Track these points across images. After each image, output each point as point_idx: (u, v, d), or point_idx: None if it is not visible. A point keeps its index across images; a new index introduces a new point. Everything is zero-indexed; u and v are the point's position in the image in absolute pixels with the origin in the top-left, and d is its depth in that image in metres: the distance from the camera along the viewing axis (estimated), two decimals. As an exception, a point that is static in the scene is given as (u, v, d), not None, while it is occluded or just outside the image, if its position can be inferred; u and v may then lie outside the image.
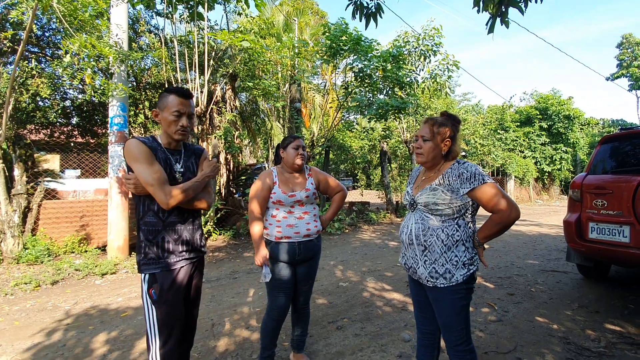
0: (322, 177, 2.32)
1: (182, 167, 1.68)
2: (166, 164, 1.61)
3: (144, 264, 1.56)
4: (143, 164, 1.51)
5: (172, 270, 1.58)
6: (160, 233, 1.58)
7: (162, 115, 1.61)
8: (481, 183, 1.60)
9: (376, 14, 3.48)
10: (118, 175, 5.61)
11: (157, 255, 1.56)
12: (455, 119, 1.83)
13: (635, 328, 2.84)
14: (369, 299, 3.65)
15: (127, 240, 5.64)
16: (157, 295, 1.54)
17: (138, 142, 1.55)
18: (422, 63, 10.01)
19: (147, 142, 1.60)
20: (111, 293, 3.93)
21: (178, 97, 1.60)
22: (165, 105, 1.60)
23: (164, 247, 1.57)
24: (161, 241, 1.57)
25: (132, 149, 1.53)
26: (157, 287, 1.54)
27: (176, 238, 1.61)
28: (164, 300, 1.54)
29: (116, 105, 5.54)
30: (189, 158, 1.73)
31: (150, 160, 1.53)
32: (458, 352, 1.70)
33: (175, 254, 1.60)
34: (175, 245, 1.60)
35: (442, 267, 1.65)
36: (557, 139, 19.27)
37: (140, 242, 1.59)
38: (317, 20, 15.63)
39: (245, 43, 6.64)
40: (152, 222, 1.58)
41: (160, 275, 1.55)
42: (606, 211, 3.38)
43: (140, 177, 1.50)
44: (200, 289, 1.80)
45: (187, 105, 1.61)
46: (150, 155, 1.54)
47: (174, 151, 1.68)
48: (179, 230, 1.62)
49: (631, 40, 26.29)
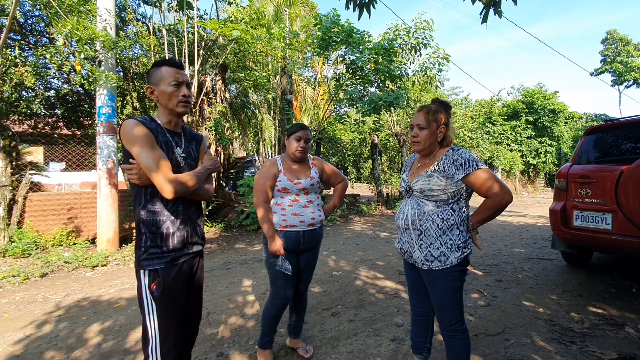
0: (326, 167, 2.34)
1: (184, 152, 1.56)
2: (167, 147, 1.48)
3: (145, 259, 1.43)
4: (144, 148, 1.37)
5: (176, 265, 1.48)
6: (165, 224, 1.45)
7: (158, 89, 1.48)
8: (475, 169, 1.65)
9: (369, 5, 3.47)
10: (107, 166, 5.51)
11: (160, 249, 1.44)
12: (447, 105, 1.88)
13: (616, 310, 2.98)
14: (362, 287, 3.71)
15: (117, 233, 5.57)
16: (160, 291, 1.43)
17: (136, 122, 1.41)
18: (413, 56, 10.07)
19: (145, 122, 1.46)
20: (103, 285, 3.89)
21: (172, 67, 1.50)
22: (160, 77, 1.48)
23: (168, 240, 1.46)
24: (165, 233, 1.45)
25: (130, 131, 1.38)
26: (160, 283, 1.43)
27: (181, 229, 1.50)
28: (167, 297, 1.44)
29: (104, 95, 5.41)
30: (190, 143, 1.62)
31: (151, 144, 1.39)
32: (452, 332, 1.76)
33: (179, 247, 1.49)
34: (179, 238, 1.49)
35: (437, 250, 1.71)
36: (542, 132, 19.70)
37: (141, 234, 1.45)
38: (307, 11, 15.48)
39: (235, 32, 6.56)
40: (155, 211, 1.44)
41: (163, 271, 1.44)
42: (590, 199, 3.50)
43: (141, 163, 1.36)
44: (202, 279, 1.72)
45: (183, 75, 1.51)
46: (150, 137, 1.40)
47: (174, 133, 1.56)
48: (184, 222, 1.52)
49: (615, 36, 26.89)
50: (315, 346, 2.46)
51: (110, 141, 5.55)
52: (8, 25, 4.26)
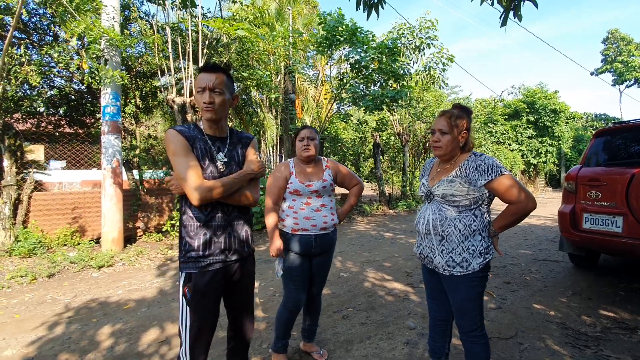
0: (341, 168, 2.33)
1: (226, 156, 1.56)
2: (205, 153, 1.51)
3: (183, 262, 1.51)
4: (179, 157, 1.43)
5: (208, 272, 1.50)
6: (202, 229, 1.49)
7: (195, 97, 1.54)
8: (498, 175, 1.64)
9: (378, 5, 3.46)
10: (112, 166, 5.48)
11: (196, 254, 1.48)
12: (469, 110, 1.86)
13: (627, 314, 2.98)
14: (371, 289, 3.71)
15: (121, 232, 5.56)
16: (190, 295, 1.48)
17: (175, 132, 1.48)
18: (417, 56, 10.04)
19: (184, 131, 1.50)
20: (110, 286, 3.88)
21: (201, 72, 1.51)
22: (196, 84, 1.52)
23: (204, 246, 1.49)
24: (202, 239, 1.49)
25: (169, 141, 1.47)
26: (192, 287, 1.48)
27: (218, 235, 1.52)
28: (196, 302, 1.48)
29: (108, 94, 5.38)
30: (235, 147, 1.62)
31: (185, 152, 1.44)
32: (472, 338, 1.76)
33: (214, 254, 1.51)
34: (216, 244, 1.51)
35: (459, 256, 1.70)
36: (543, 132, 19.73)
37: (181, 238, 1.52)
38: (309, 9, 15.43)
39: (240, 32, 6.52)
40: (193, 217, 1.49)
41: (196, 276, 1.48)
42: (600, 202, 3.50)
43: (175, 171, 1.44)
44: (247, 288, 1.69)
45: (210, 79, 1.48)
46: (186, 146, 1.46)
47: (216, 138, 1.57)
48: (223, 228, 1.53)
49: (617, 35, 26.87)
50: (329, 350, 2.45)
51: (114, 140, 5.52)
52: (14, 24, 4.23)
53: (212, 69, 1.51)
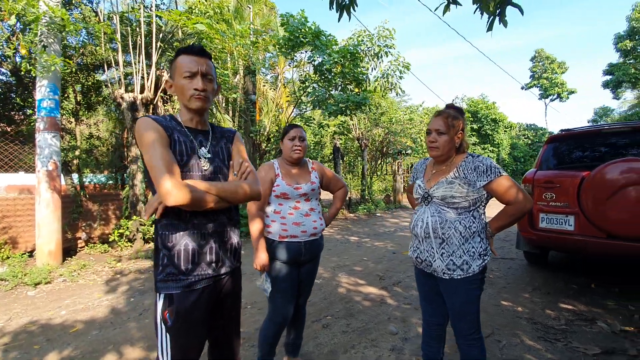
0: (327, 171, 2.21)
1: (210, 152, 1.34)
2: (185, 147, 1.27)
3: (161, 280, 1.24)
4: (152, 147, 1.18)
5: (194, 291, 1.25)
6: (183, 239, 1.24)
7: (174, 83, 1.31)
8: (497, 176, 1.64)
9: (349, 7, 3.45)
10: (48, 168, 4.81)
11: (177, 269, 1.23)
12: (462, 111, 1.85)
13: (583, 306, 3.23)
14: (347, 295, 3.62)
15: (59, 244, 4.88)
16: (173, 320, 1.23)
17: (148, 121, 1.23)
18: (375, 62, 10.31)
19: (160, 120, 1.27)
20: (51, 306, 3.34)
21: (188, 55, 1.29)
22: (175, 69, 1.30)
23: (187, 259, 1.24)
24: (183, 250, 1.24)
25: (141, 130, 1.21)
26: (173, 311, 1.22)
27: (203, 244, 1.27)
28: (181, 327, 1.24)
29: (45, 86, 4.72)
30: (218, 142, 1.40)
31: (162, 143, 1.20)
32: (470, 341, 1.73)
33: (200, 267, 1.26)
34: (201, 256, 1.26)
35: (459, 258, 1.66)
36: (485, 139, 21.44)
37: (158, 251, 1.27)
38: (268, 10, 15.20)
39: (200, 26, 6.16)
40: (171, 224, 1.24)
41: (179, 297, 1.23)
42: (554, 203, 3.78)
43: (147, 163, 1.18)
44: (235, 305, 1.47)
45: (201, 63, 1.28)
46: (162, 136, 1.21)
47: (198, 132, 1.36)
48: (209, 236, 1.28)
49: (542, 54, 30.22)
50: (314, 363, 2.31)
51: (52, 139, 4.86)
52: None
53: (202, 52, 1.31)
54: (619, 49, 19.64)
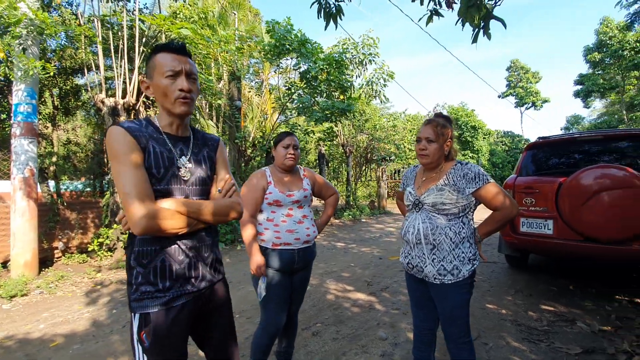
0: (318, 178, 2.22)
1: (191, 161, 1.25)
2: (161, 158, 1.17)
3: (135, 299, 1.16)
4: (122, 162, 1.08)
5: (172, 309, 1.17)
6: (158, 255, 1.16)
7: (153, 83, 1.19)
8: (485, 183, 1.70)
9: (336, 16, 3.52)
10: (24, 175, 4.62)
11: (153, 287, 1.15)
12: (451, 119, 1.92)
13: (563, 307, 3.35)
14: (335, 302, 3.63)
15: (36, 255, 4.68)
16: (150, 342, 1.14)
17: (121, 130, 1.12)
18: (360, 70, 10.48)
19: (134, 128, 1.15)
20: (28, 319, 3.19)
21: (169, 53, 1.18)
22: (154, 67, 1.18)
23: (164, 275, 1.16)
24: (159, 266, 1.16)
25: (111, 141, 1.11)
26: (150, 331, 1.15)
27: (181, 260, 1.19)
28: (158, 349, 1.16)
29: (22, 90, 4.56)
30: (200, 150, 1.30)
31: (133, 159, 1.10)
32: (460, 344, 1.77)
33: (178, 283, 1.18)
34: (179, 271, 1.18)
35: (450, 264, 1.71)
36: (465, 146, 22.04)
37: (131, 269, 1.18)
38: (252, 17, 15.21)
39: (185, 31, 6.11)
40: (146, 240, 1.16)
41: (156, 315, 1.15)
42: (534, 208, 3.92)
43: (116, 182, 1.10)
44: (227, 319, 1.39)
45: (184, 62, 1.18)
46: (133, 149, 1.11)
47: (178, 139, 1.25)
48: (187, 249, 1.21)
49: (517, 64, 31.46)
50: (306, 371, 2.29)
51: (28, 145, 4.68)
52: None
53: (183, 50, 1.20)
54: (588, 60, 20.70)
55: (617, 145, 3.97)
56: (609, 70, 20.42)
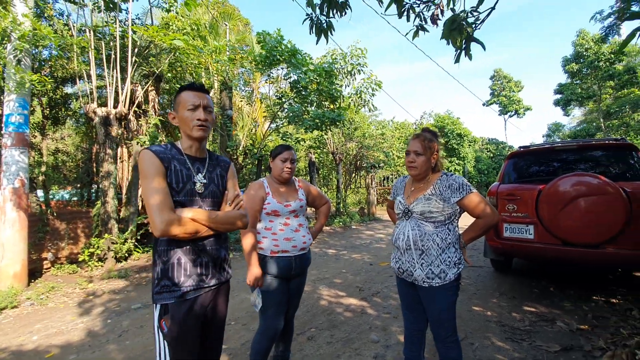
0: (312, 189, 2.34)
1: (206, 177, 1.50)
2: (181, 175, 1.44)
3: (156, 292, 1.39)
4: (149, 180, 1.35)
5: (187, 301, 1.40)
6: (176, 253, 1.39)
7: (178, 115, 1.49)
8: (469, 192, 1.85)
9: (327, 31, 3.69)
10: (14, 186, 4.60)
11: (171, 281, 1.38)
12: (437, 134, 2.08)
13: (544, 307, 3.53)
14: (329, 307, 3.73)
15: (25, 266, 4.64)
16: (169, 328, 1.36)
17: (149, 153, 1.39)
18: (349, 80, 10.71)
19: (160, 151, 1.42)
20: (20, 331, 3.18)
21: (192, 91, 1.48)
22: (179, 103, 1.48)
23: (180, 271, 1.39)
24: (177, 264, 1.39)
25: (141, 162, 1.39)
26: (168, 319, 1.37)
27: (194, 259, 1.42)
28: (176, 335, 1.37)
29: (14, 101, 4.56)
30: (214, 169, 1.57)
31: (158, 176, 1.36)
32: (448, 344, 1.90)
33: (191, 279, 1.41)
34: (192, 269, 1.41)
35: (437, 267, 1.85)
36: (452, 153, 22.53)
37: (155, 265, 1.41)
38: (243, 27, 15.38)
39: (177, 42, 6.19)
40: (167, 241, 1.39)
41: (173, 307, 1.37)
42: (516, 214, 4.12)
43: (143, 194, 1.37)
44: (223, 320, 1.62)
45: (202, 98, 1.48)
46: (159, 169, 1.37)
47: (196, 159, 1.52)
48: (199, 251, 1.43)
49: (501, 74, 32.44)
50: (302, 374, 2.38)
51: (19, 156, 4.67)
52: None
53: (202, 89, 1.51)
54: (567, 70, 21.55)
55: (592, 155, 4.23)
56: (586, 80, 21.29)
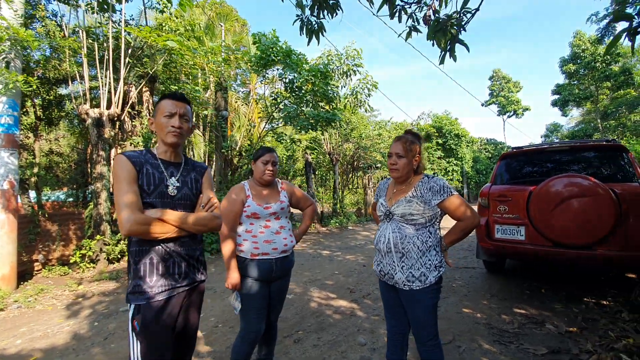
0: (296, 191, 2.32)
1: (179, 181, 1.55)
2: (153, 177, 1.47)
3: (130, 292, 1.43)
4: (120, 182, 1.39)
5: (157, 302, 1.42)
6: (148, 254, 1.42)
7: (156, 121, 1.55)
8: (449, 195, 1.83)
9: (318, 32, 3.67)
10: (3, 187, 4.57)
11: (143, 282, 1.41)
12: (419, 136, 2.05)
13: (534, 309, 3.51)
14: (318, 309, 3.70)
15: (14, 268, 4.61)
16: (140, 326, 1.39)
17: (123, 158, 1.44)
18: (345, 80, 10.69)
19: (133, 156, 1.47)
20: (4, 335, 3.15)
21: (170, 100, 1.55)
22: (158, 109, 1.54)
23: (152, 272, 1.42)
24: (149, 264, 1.42)
25: (114, 167, 1.44)
26: (139, 319, 1.40)
27: (166, 259, 1.45)
28: (148, 335, 1.39)
29: (4, 102, 4.54)
30: (189, 173, 1.61)
31: (128, 178, 1.40)
32: (429, 347, 1.88)
33: (163, 280, 1.44)
34: (165, 269, 1.44)
35: (417, 270, 1.82)
36: (449, 153, 22.54)
37: (129, 266, 1.45)
38: (240, 27, 15.37)
39: (171, 43, 6.18)
40: (140, 241, 1.42)
41: (144, 307, 1.40)
42: (507, 215, 4.10)
43: (115, 196, 1.40)
44: (196, 323, 1.64)
45: (180, 107, 1.54)
46: (130, 173, 1.41)
47: (170, 163, 1.57)
48: (172, 251, 1.46)
49: (499, 74, 32.45)
50: (286, 378, 2.36)
51: (9, 157, 4.65)
52: None
53: (182, 98, 1.57)
54: (564, 71, 21.59)
55: (583, 156, 4.21)
56: (583, 81, 21.32)
